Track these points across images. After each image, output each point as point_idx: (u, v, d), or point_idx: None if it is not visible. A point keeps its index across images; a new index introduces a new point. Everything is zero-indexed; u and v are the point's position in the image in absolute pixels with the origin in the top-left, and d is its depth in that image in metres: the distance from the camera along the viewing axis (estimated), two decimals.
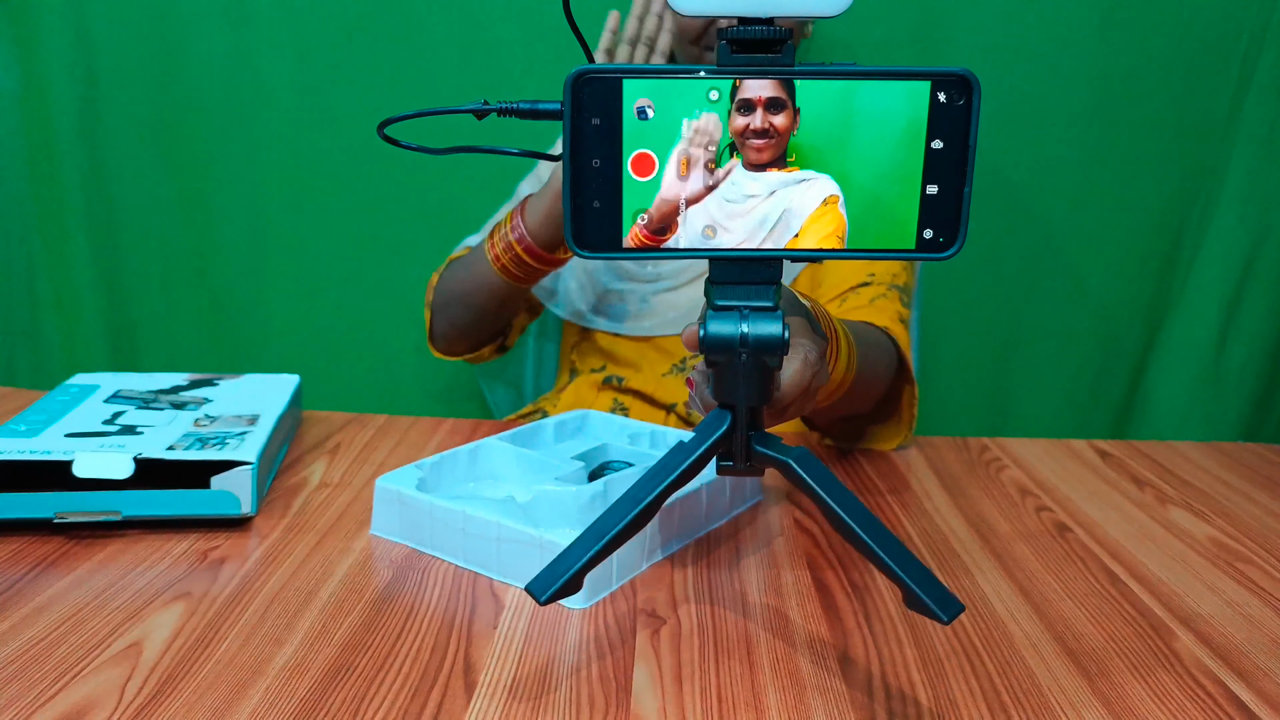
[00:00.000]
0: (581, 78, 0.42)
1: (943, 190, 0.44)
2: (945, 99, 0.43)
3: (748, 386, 0.45)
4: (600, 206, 0.43)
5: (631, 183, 0.44)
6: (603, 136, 0.43)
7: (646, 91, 0.43)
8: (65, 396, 0.83)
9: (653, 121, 0.43)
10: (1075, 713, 0.51)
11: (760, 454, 0.47)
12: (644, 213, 0.44)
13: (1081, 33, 1.30)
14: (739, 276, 0.45)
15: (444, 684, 0.51)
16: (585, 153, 0.43)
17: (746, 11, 0.42)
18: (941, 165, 0.44)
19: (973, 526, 0.76)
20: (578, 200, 0.43)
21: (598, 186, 0.43)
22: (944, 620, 0.43)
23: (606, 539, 0.45)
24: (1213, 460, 0.96)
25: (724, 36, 0.43)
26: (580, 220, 0.44)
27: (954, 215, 0.44)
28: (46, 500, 0.66)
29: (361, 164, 1.40)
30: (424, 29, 1.35)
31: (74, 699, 0.48)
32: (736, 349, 0.44)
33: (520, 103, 0.47)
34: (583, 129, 0.43)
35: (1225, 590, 0.67)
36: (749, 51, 0.43)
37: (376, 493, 0.69)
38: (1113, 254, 1.38)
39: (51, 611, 0.57)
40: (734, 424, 0.46)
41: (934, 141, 0.44)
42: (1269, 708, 0.53)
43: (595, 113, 0.43)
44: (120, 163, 1.42)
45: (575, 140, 0.43)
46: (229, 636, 0.55)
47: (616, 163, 0.43)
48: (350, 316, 1.46)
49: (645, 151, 0.43)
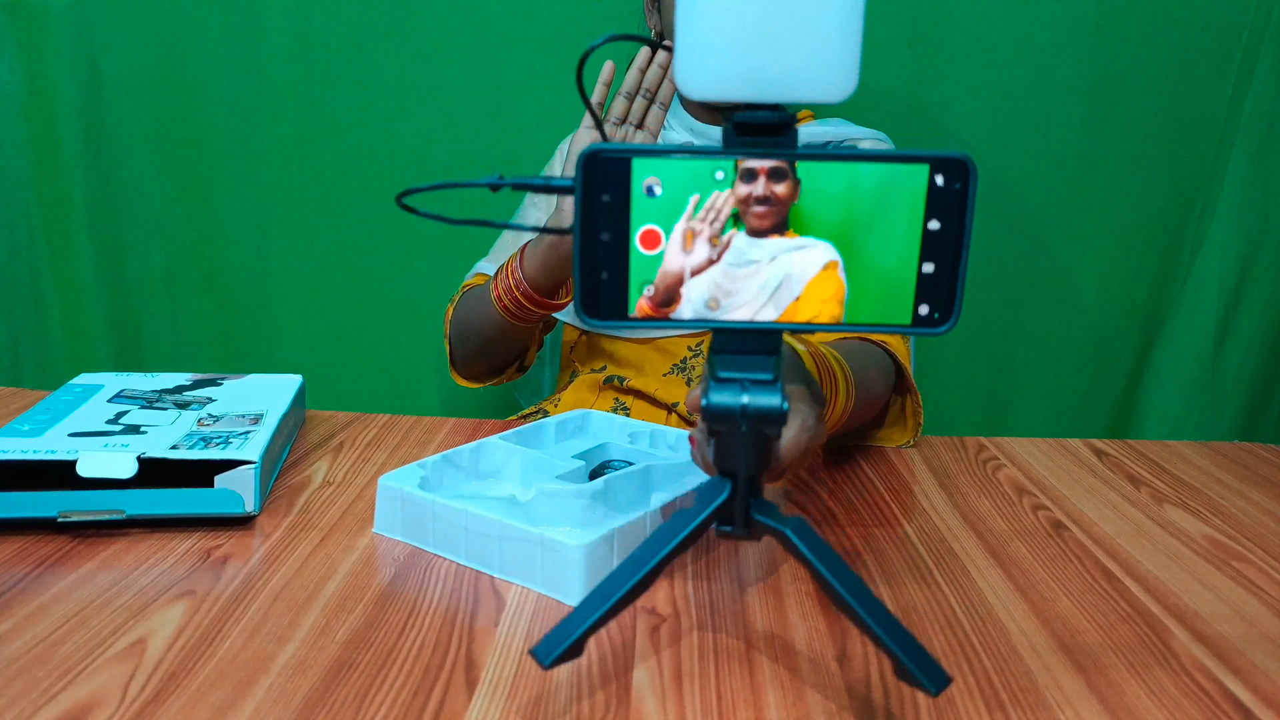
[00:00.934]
0: (593, 156, 0.44)
1: (939, 268, 0.46)
2: (943, 182, 0.45)
3: (747, 456, 0.47)
4: (608, 278, 0.45)
5: (639, 256, 0.45)
6: (612, 212, 0.45)
7: (654, 170, 0.44)
8: (69, 396, 0.83)
9: (660, 198, 0.45)
10: (1072, 710, 0.51)
11: (759, 522, 0.49)
12: (649, 285, 0.46)
13: (1079, 34, 1.30)
14: (740, 347, 0.47)
15: (446, 681, 0.52)
16: (595, 227, 0.45)
17: (753, 97, 0.44)
18: (938, 244, 0.45)
19: (970, 525, 0.77)
20: (587, 271, 0.45)
21: (606, 259, 0.45)
22: (932, 692, 0.45)
23: (610, 603, 0.46)
24: (1208, 459, 0.96)
25: (730, 119, 0.45)
26: (589, 291, 0.45)
27: (949, 293, 0.46)
28: (50, 499, 0.67)
29: (365, 165, 1.41)
30: (428, 31, 1.36)
31: (78, 697, 0.49)
32: (737, 420, 0.46)
33: (534, 178, 0.48)
34: (593, 205, 0.44)
35: (1221, 588, 0.68)
36: (754, 135, 0.45)
37: (379, 491, 0.70)
38: (1110, 255, 1.38)
39: (55, 610, 0.58)
40: (734, 492, 0.48)
41: (931, 222, 0.45)
42: (1265, 705, 0.53)
43: (605, 189, 0.44)
44: (124, 164, 1.42)
45: (586, 215, 0.44)
46: (232, 635, 0.56)
47: (624, 237, 0.45)
48: (353, 317, 1.47)
49: (652, 227, 0.45)
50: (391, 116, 1.39)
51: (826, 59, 0.43)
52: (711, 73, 0.44)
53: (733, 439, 0.47)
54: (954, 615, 0.62)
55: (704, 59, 0.43)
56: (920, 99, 1.33)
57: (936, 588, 0.65)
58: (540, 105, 1.36)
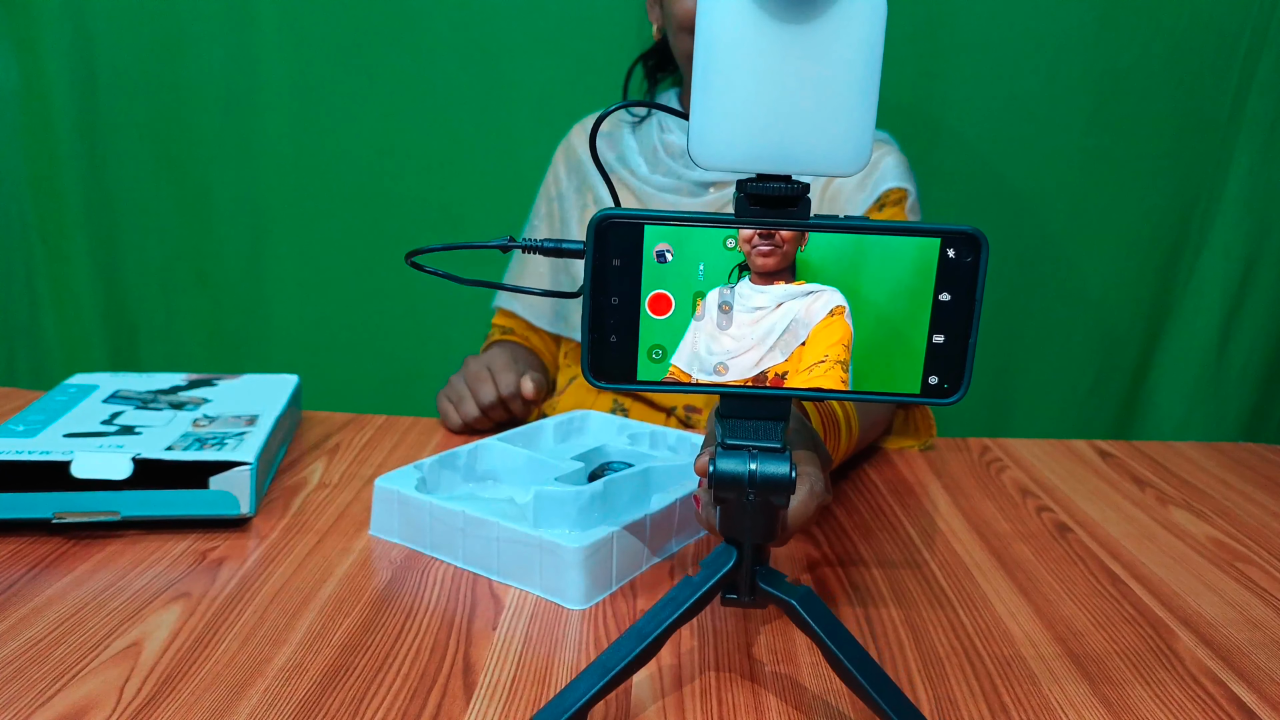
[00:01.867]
0: (605, 222, 0.44)
1: (949, 340, 0.46)
2: (954, 255, 0.45)
3: (754, 524, 0.47)
4: (617, 341, 0.45)
5: (648, 320, 0.46)
6: (623, 276, 0.45)
7: (666, 237, 0.45)
8: (64, 396, 0.82)
9: (671, 264, 0.45)
10: (1076, 713, 0.51)
11: (765, 591, 0.48)
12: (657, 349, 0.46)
13: (1082, 33, 1.30)
14: (748, 412, 0.47)
15: (443, 685, 0.51)
16: (605, 291, 0.45)
17: (765, 168, 0.44)
18: (949, 316, 0.45)
19: (974, 527, 0.76)
20: (596, 334, 0.45)
21: (616, 322, 0.45)
22: None
23: (612, 674, 0.46)
24: (1213, 460, 0.96)
25: (742, 190, 0.45)
26: (597, 353, 0.46)
27: (960, 364, 0.46)
28: (45, 500, 0.66)
29: (361, 164, 1.40)
30: (425, 29, 1.35)
31: (73, 699, 0.48)
32: (745, 488, 0.45)
33: (545, 241, 0.49)
34: (604, 269, 0.45)
35: (1226, 590, 0.67)
36: (766, 205, 0.44)
37: (375, 493, 0.69)
38: (1114, 254, 1.38)
39: (50, 612, 0.57)
40: (739, 561, 0.48)
41: (942, 294, 0.45)
42: (1270, 708, 0.52)
43: (617, 254, 0.45)
44: (120, 162, 1.42)
45: (596, 279, 0.45)
46: (228, 637, 0.55)
47: (635, 301, 0.45)
48: (350, 317, 1.46)
49: (663, 292, 0.45)
50: (388, 115, 1.38)
51: (839, 133, 0.43)
52: (725, 145, 0.44)
53: (740, 507, 0.46)
54: (957, 618, 0.61)
55: (718, 131, 0.43)
56: (922, 99, 1.32)
57: (939, 590, 0.65)
58: (538, 104, 1.36)
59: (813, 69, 0.43)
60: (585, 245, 0.45)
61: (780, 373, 0.46)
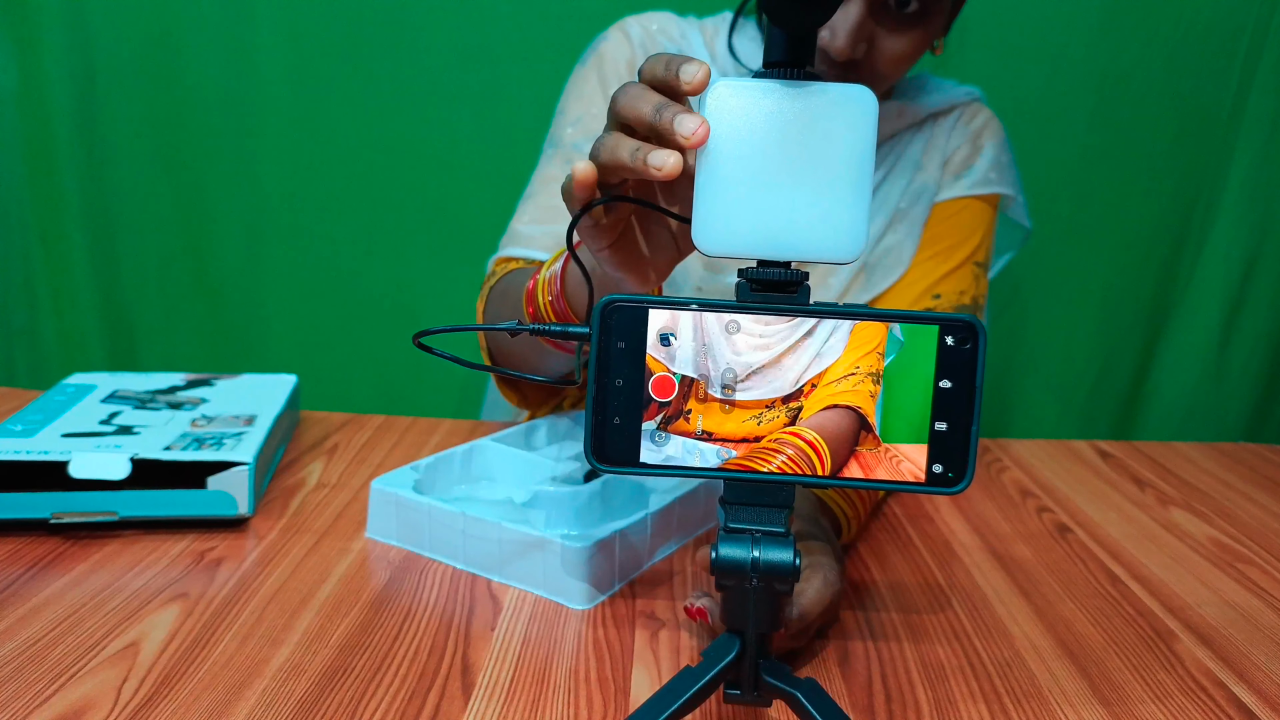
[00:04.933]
0: (610, 306, 0.44)
1: (951, 427, 0.46)
2: (953, 342, 0.45)
3: (758, 613, 0.46)
4: (620, 423, 0.45)
5: (652, 403, 0.45)
6: (627, 359, 0.45)
7: (675, 319, 0.45)
8: (62, 396, 0.82)
9: (675, 347, 0.45)
10: (1075, 714, 0.51)
11: (769, 684, 0.47)
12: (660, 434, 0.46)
13: (1083, 33, 1.30)
14: (751, 498, 0.46)
15: (442, 686, 0.51)
16: (610, 373, 0.45)
17: (766, 255, 0.45)
18: (950, 403, 0.45)
19: (973, 527, 0.76)
20: (599, 416, 0.45)
21: (620, 404, 0.45)
22: None
23: None
24: (1213, 461, 0.96)
25: (744, 275, 0.46)
26: (599, 436, 0.45)
27: (963, 452, 0.46)
28: (43, 500, 0.66)
29: (360, 163, 1.40)
30: (423, 29, 1.35)
31: (71, 699, 0.48)
32: (748, 573, 0.45)
33: (552, 325, 0.49)
34: (609, 351, 0.45)
35: (1226, 591, 0.67)
36: (767, 291, 0.45)
37: (372, 495, 0.69)
38: (1114, 254, 1.38)
39: (48, 612, 0.57)
40: (742, 651, 0.46)
41: (942, 381, 0.45)
42: (1269, 709, 0.52)
43: (621, 337, 0.45)
44: (118, 162, 1.42)
45: (601, 362, 0.45)
46: (226, 638, 0.55)
47: (639, 384, 0.45)
48: (348, 316, 1.46)
49: (668, 375, 0.45)
50: (386, 115, 1.38)
51: (837, 221, 0.45)
52: (728, 233, 0.45)
53: (741, 595, 0.45)
54: (957, 618, 0.61)
55: (721, 219, 0.45)
56: None
57: (940, 591, 0.65)
58: (537, 104, 1.35)
59: (810, 160, 0.45)
60: (590, 330, 0.45)
61: (809, 386, 0.46)
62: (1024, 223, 1.01)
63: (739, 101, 0.44)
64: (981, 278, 0.95)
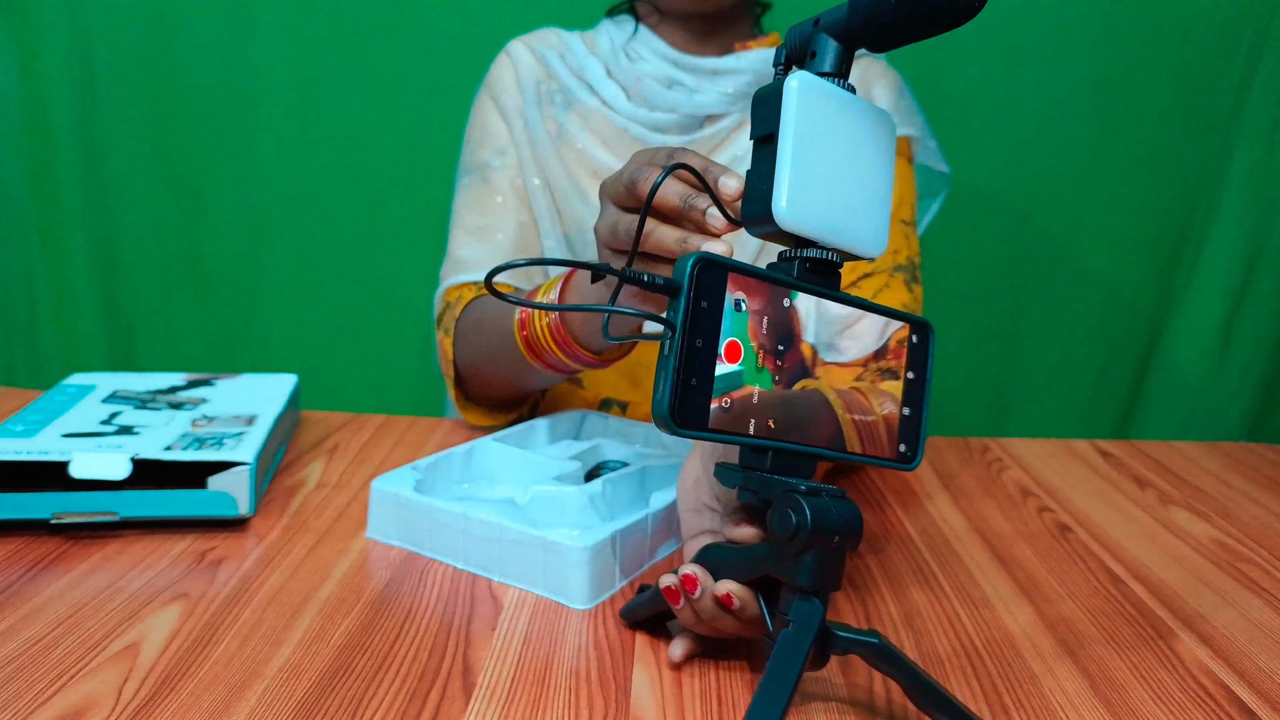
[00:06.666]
0: (706, 264, 0.45)
1: (913, 413, 0.52)
2: (917, 339, 0.53)
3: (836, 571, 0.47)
4: (696, 385, 0.45)
5: (721, 368, 0.46)
6: (708, 321, 0.45)
7: (744, 286, 0.46)
8: (62, 396, 0.82)
9: (742, 314, 0.46)
10: (1076, 713, 0.51)
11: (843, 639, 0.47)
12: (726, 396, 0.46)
13: (1083, 33, 1.30)
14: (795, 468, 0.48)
15: (442, 686, 0.51)
16: (694, 332, 0.45)
17: (827, 240, 0.49)
18: (913, 392, 0.53)
19: (974, 527, 0.76)
20: (682, 376, 0.45)
21: (697, 367, 0.45)
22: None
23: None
24: (1214, 460, 0.96)
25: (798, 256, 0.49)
26: (678, 397, 0.45)
27: (918, 435, 0.53)
28: (44, 501, 0.66)
29: (359, 163, 1.40)
30: (423, 29, 1.35)
31: (72, 700, 0.48)
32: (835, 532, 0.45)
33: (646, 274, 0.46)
34: (696, 311, 0.45)
35: (1227, 591, 0.67)
36: (815, 273, 0.49)
37: (372, 495, 0.69)
38: (1115, 254, 1.38)
39: (49, 612, 0.57)
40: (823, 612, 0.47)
41: (909, 373, 0.52)
42: (1270, 709, 0.52)
43: (706, 296, 0.45)
44: (118, 162, 1.42)
45: (690, 320, 0.45)
46: (226, 638, 0.55)
47: (713, 347, 0.46)
48: (348, 316, 1.46)
49: (735, 340, 0.46)
50: (385, 115, 1.38)
51: (877, 222, 0.51)
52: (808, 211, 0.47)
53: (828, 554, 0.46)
54: (958, 618, 0.61)
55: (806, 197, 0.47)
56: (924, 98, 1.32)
57: (940, 590, 0.65)
58: None
59: (865, 165, 0.50)
60: (683, 285, 0.45)
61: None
62: (939, 167, 1.00)
63: (822, 99, 0.48)
64: (911, 235, 0.95)
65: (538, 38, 1.04)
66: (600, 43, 1.01)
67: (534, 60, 1.02)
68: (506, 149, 0.99)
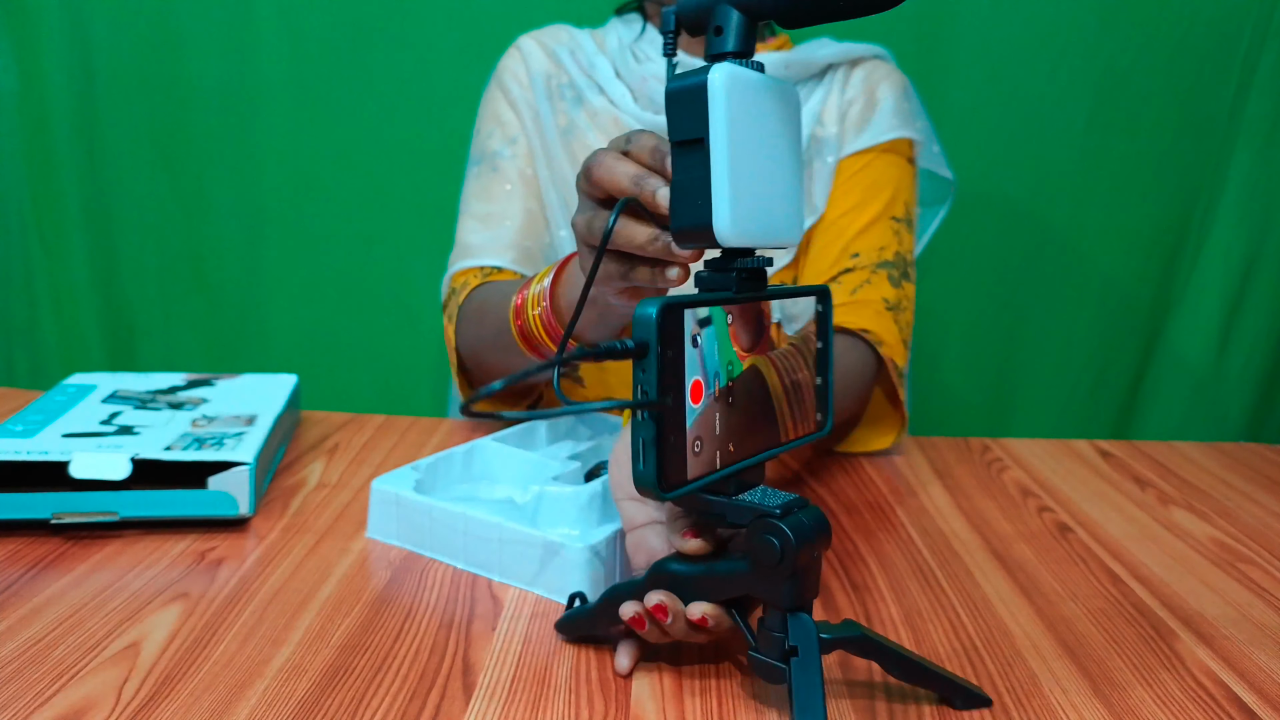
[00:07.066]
0: (669, 310, 0.41)
1: (824, 381, 0.53)
2: (822, 309, 0.52)
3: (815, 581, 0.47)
4: (674, 442, 0.42)
5: (691, 412, 0.42)
6: (675, 371, 0.42)
7: (698, 319, 0.43)
8: (62, 396, 0.82)
9: (699, 349, 0.43)
10: (1076, 714, 0.51)
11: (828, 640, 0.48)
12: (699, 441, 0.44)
13: (1082, 33, 1.30)
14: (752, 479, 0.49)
15: (443, 685, 0.51)
16: (665, 393, 0.41)
17: (763, 243, 0.48)
18: (822, 361, 0.53)
19: (974, 527, 0.76)
20: (663, 441, 0.41)
21: (674, 423, 0.42)
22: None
23: None
24: (1214, 460, 0.96)
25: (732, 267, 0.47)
26: (665, 461, 0.41)
27: (827, 401, 0.53)
28: (44, 501, 0.66)
29: (359, 164, 1.40)
30: (422, 28, 1.35)
31: (72, 699, 0.48)
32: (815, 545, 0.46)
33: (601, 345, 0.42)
34: (664, 363, 0.41)
35: (1227, 591, 0.67)
36: (752, 279, 0.48)
37: (372, 495, 0.69)
38: (1114, 254, 1.38)
39: (49, 612, 0.57)
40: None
41: (819, 342, 0.52)
42: (1270, 708, 0.52)
43: (670, 345, 0.41)
44: (118, 162, 1.42)
45: (663, 375, 0.41)
46: (227, 638, 0.55)
47: (682, 398, 0.42)
48: (348, 316, 1.46)
49: (698, 379, 0.43)
50: (385, 115, 1.38)
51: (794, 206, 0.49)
52: (744, 223, 0.45)
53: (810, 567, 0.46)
54: (958, 618, 0.61)
55: (741, 210, 0.45)
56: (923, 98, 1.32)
57: (940, 590, 0.65)
58: None
59: (780, 151, 0.48)
60: (647, 342, 0.40)
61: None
62: (943, 173, 1.00)
63: (747, 93, 0.45)
64: (903, 232, 0.94)
65: (549, 34, 1.04)
66: (609, 41, 1.01)
67: (544, 55, 1.01)
68: (517, 138, 0.99)
